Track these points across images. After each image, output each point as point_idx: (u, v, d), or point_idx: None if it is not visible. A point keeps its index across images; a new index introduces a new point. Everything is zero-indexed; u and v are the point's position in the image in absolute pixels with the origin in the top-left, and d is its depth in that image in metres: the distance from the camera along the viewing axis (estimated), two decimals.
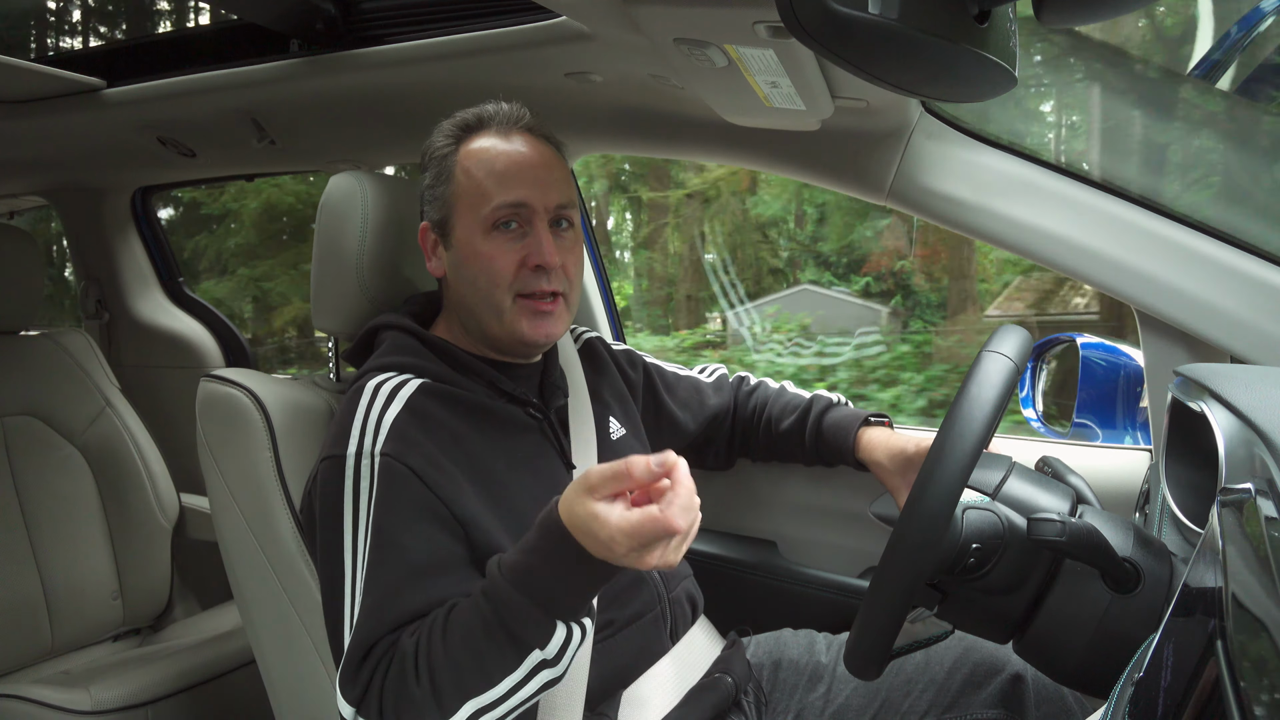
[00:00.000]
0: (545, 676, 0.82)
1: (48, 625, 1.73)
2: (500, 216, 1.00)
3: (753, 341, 3.24)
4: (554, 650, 0.80)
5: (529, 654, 0.80)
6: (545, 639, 0.80)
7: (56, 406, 1.84)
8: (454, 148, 1.05)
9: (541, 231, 1.02)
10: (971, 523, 0.77)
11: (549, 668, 0.81)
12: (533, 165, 1.03)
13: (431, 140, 1.07)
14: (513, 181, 1.01)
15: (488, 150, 1.03)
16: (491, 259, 1.00)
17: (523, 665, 0.80)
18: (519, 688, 0.81)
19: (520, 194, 1.01)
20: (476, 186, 1.01)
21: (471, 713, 0.80)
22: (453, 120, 1.07)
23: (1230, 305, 1.05)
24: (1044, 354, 1.49)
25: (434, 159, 1.06)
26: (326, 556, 0.90)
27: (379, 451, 0.90)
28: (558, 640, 0.80)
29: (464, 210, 1.02)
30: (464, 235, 1.02)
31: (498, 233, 1.01)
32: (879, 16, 0.52)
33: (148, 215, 2.33)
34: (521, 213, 1.01)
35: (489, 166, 1.02)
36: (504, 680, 0.80)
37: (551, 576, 0.79)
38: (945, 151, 1.21)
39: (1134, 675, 0.50)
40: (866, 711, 1.10)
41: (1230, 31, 1.45)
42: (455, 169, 1.04)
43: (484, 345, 1.07)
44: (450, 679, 0.79)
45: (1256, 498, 0.50)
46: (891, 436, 1.20)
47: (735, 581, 1.49)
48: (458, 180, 1.03)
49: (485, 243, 1.01)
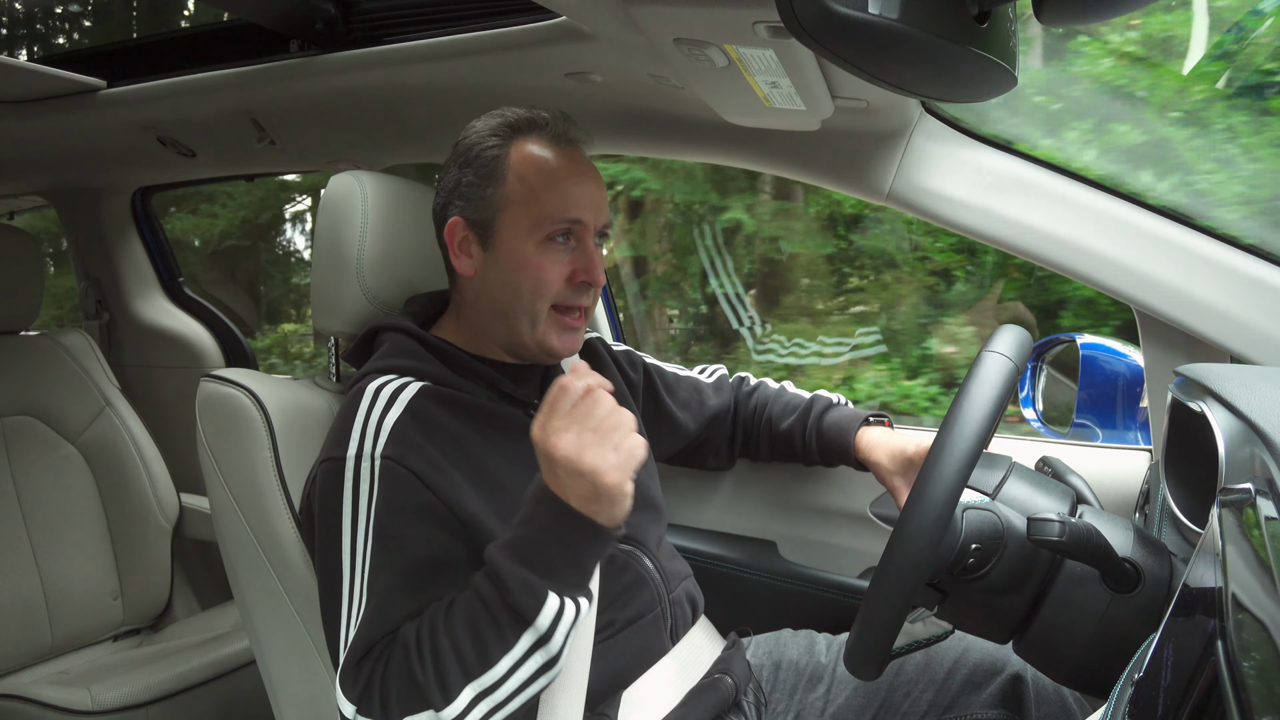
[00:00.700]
0: (540, 657, 0.81)
1: (48, 625, 1.73)
2: (559, 230, 1.01)
3: (752, 342, 3.24)
4: (546, 624, 0.80)
5: (524, 630, 0.80)
6: (537, 610, 0.80)
7: (56, 406, 1.84)
8: (504, 148, 1.03)
9: (591, 248, 1.03)
10: (971, 523, 0.77)
11: (543, 645, 0.81)
12: (592, 184, 1.04)
13: (475, 137, 1.04)
14: (574, 199, 1.01)
15: (547, 161, 1.02)
16: (542, 269, 1.01)
17: (518, 644, 0.80)
18: (516, 668, 0.81)
19: (579, 213, 1.01)
20: (534, 196, 1.00)
21: (473, 696, 0.80)
22: (500, 119, 1.04)
23: (1230, 305, 1.05)
24: (1044, 354, 1.49)
25: (479, 157, 1.03)
26: (325, 558, 0.91)
27: (379, 454, 0.90)
28: (550, 612, 0.80)
29: (517, 215, 1.01)
30: (512, 241, 1.01)
31: (551, 244, 1.01)
32: (879, 16, 0.53)
33: (148, 215, 2.33)
34: (575, 229, 1.02)
35: (550, 179, 1.01)
36: (502, 660, 0.80)
37: (542, 538, 0.81)
38: (945, 151, 1.21)
39: (1134, 675, 0.50)
40: (866, 712, 1.10)
41: (1230, 32, 1.45)
42: (507, 172, 1.02)
43: (497, 347, 1.07)
44: (452, 662, 0.80)
45: (1256, 498, 0.50)
46: (891, 436, 1.20)
47: (735, 582, 1.49)
48: (510, 184, 1.01)
49: (537, 253, 1.01)
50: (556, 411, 0.81)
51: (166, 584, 1.92)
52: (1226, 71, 1.47)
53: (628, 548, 1.08)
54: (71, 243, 2.33)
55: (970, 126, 1.22)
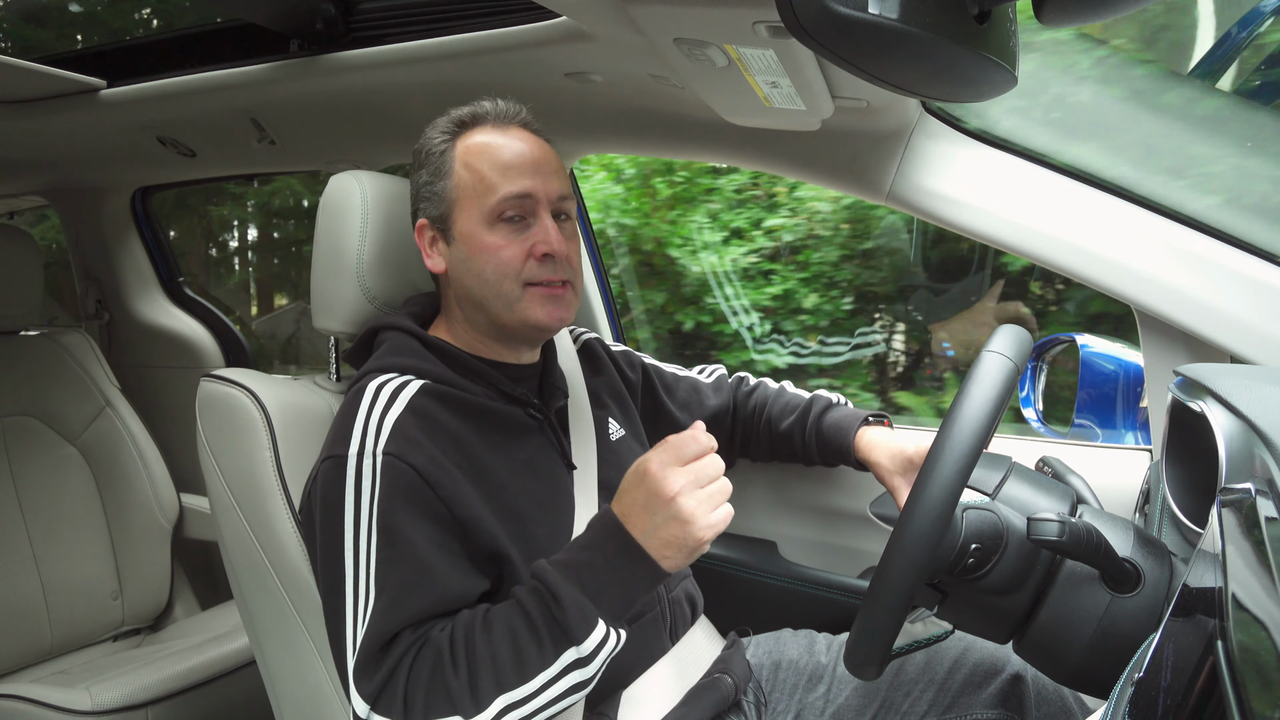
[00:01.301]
0: (576, 677, 0.83)
1: (47, 625, 1.73)
2: (506, 208, 1.01)
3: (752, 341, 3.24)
4: (590, 647, 0.82)
5: (566, 650, 0.81)
6: (586, 633, 0.81)
7: (56, 406, 1.84)
8: (450, 143, 1.05)
9: (546, 221, 1.03)
10: (971, 523, 0.77)
11: (580, 667, 0.82)
12: (534, 157, 1.03)
13: (426, 138, 1.07)
14: (516, 173, 1.02)
15: (488, 144, 1.03)
16: (498, 249, 1.01)
17: (558, 661, 0.82)
18: (549, 685, 0.82)
19: (524, 185, 1.01)
20: (479, 179, 1.02)
21: (502, 708, 0.81)
22: (447, 117, 1.07)
23: (1230, 305, 1.05)
24: (1044, 354, 1.49)
25: (430, 155, 1.06)
26: (327, 555, 0.90)
27: (381, 451, 0.90)
28: (596, 637, 0.82)
29: (466, 204, 1.02)
30: (467, 228, 1.02)
31: (503, 224, 1.01)
32: (879, 16, 0.53)
33: (148, 215, 2.33)
34: (526, 204, 1.02)
35: (491, 159, 1.02)
36: (538, 676, 0.81)
37: (603, 565, 0.83)
38: (945, 151, 1.21)
39: (1134, 675, 0.50)
40: (866, 711, 1.10)
41: (1230, 32, 1.45)
42: (454, 164, 1.04)
43: (490, 340, 1.07)
44: (488, 672, 0.81)
45: (1256, 498, 0.50)
46: (891, 437, 1.20)
47: (735, 581, 1.49)
48: (458, 175, 1.03)
49: (491, 235, 1.01)
50: (680, 456, 0.84)
51: (166, 584, 1.92)
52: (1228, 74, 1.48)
53: None
54: (71, 243, 2.33)
55: (970, 126, 1.22)
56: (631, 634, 1.04)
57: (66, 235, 2.34)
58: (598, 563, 0.84)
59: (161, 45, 1.56)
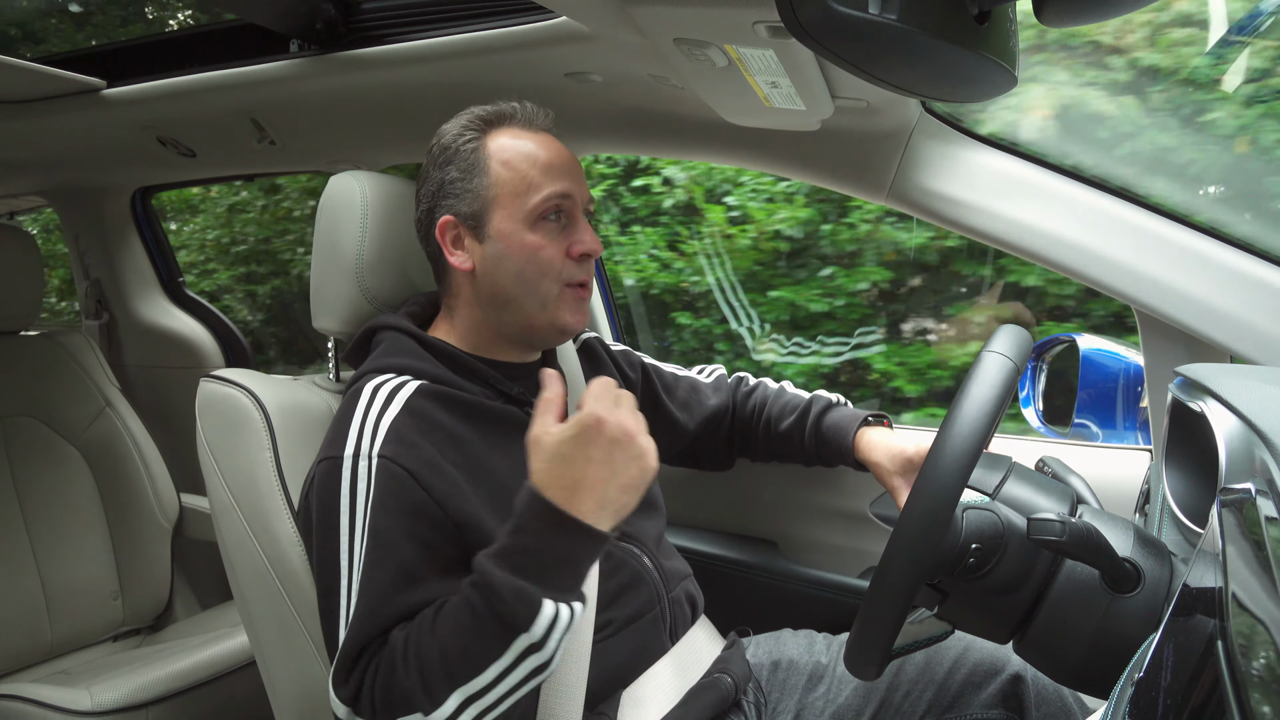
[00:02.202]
0: (533, 662, 0.80)
1: (47, 625, 1.73)
2: (549, 207, 1.02)
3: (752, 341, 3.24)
4: (540, 631, 0.79)
5: (515, 639, 0.79)
6: (531, 618, 0.78)
7: (56, 407, 1.84)
8: (480, 140, 1.04)
9: (583, 222, 1.05)
10: (971, 523, 0.77)
11: (536, 652, 0.80)
12: (571, 160, 1.06)
13: (450, 135, 1.05)
14: (558, 173, 1.03)
15: (525, 144, 1.04)
16: (540, 249, 1.02)
17: (509, 651, 0.79)
18: (506, 674, 0.80)
19: (566, 185, 1.03)
20: (520, 178, 1.02)
21: (460, 701, 0.79)
22: (470, 115, 1.06)
23: (1230, 305, 1.05)
24: (1044, 354, 1.49)
25: (458, 153, 1.04)
26: (323, 558, 0.91)
27: (376, 453, 0.90)
28: (544, 619, 0.79)
29: (505, 201, 1.02)
30: (506, 227, 1.02)
31: (543, 224, 1.03)
32: (879, 16, 0.53)
33: (148, 215, 2.33)
34: (565, 204, 1.03)
35: (531, 159, 1.03)
36: (490, 667, 0.79)
37: (535, 544, 0.80)
38: (945, 151, 1.21)
39: (1134, 675, 0.50)
40: (866, 711, 1.10)
41: (1230, 32, 1.45)
42: (489, 161, 1.03)
43: (501, 341, 1.07)
44: (438, 668, 0.79)
45: (1256, 498, 0.50)
46: (891, 437, 1.20)
47: (735, 581, 1.49)
48: (495, 172, 1.02)
49: (533, 234, 1.02)
50: (612, 397, 0.85)
51: (166, 584, 1.92)
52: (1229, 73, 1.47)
53: (627, 546, 1.08)
54: (71, 243, 2.33)
55: (970, 126, 1.22)
56: (631, 634, 1.04)
57: (66, 235, 2.34)
58: (530, 544, 0.80)
59: (161, 45, 1.56)
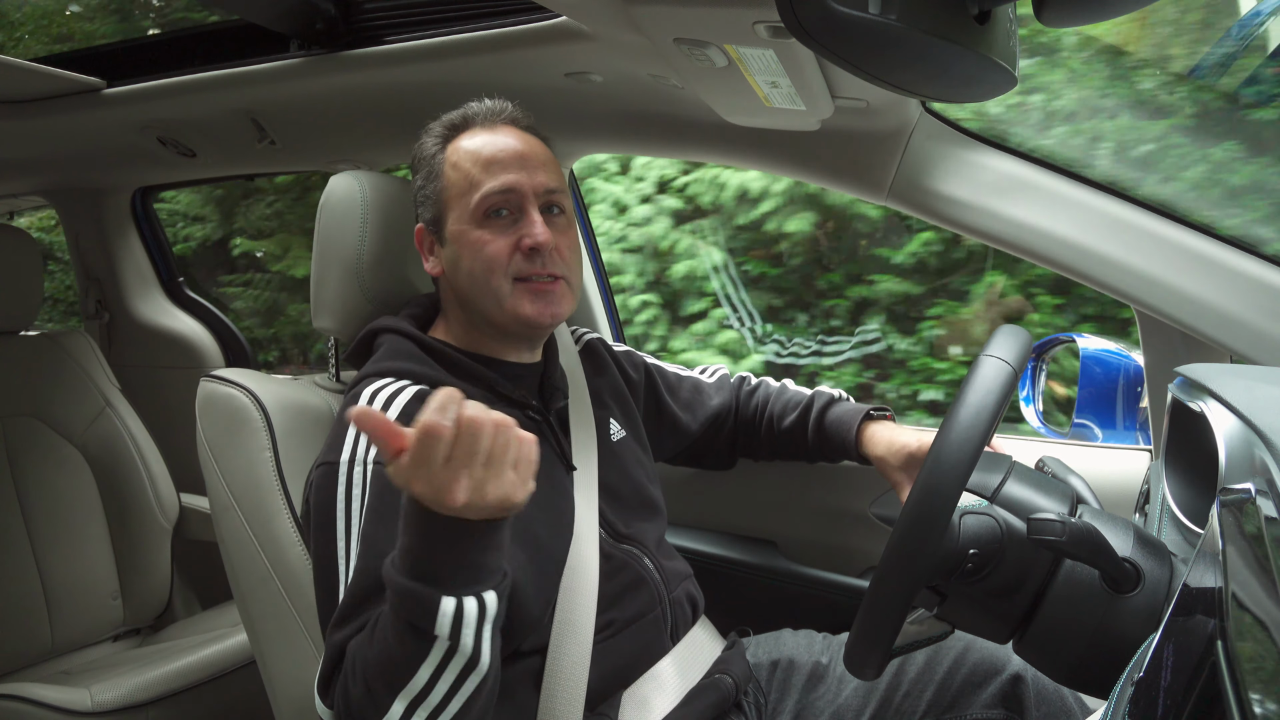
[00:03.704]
0: (458, 663, 0.77)
1: (48, 625, 1.73)
2: (491, 204, 1.02)
3: (753, 341, 3.24)
4: (446, 627, 0.75)
5: (427, 642, 0.76)
6: (430, 617, 0.75)
7: (56, 407, 1.84)
8: (441, 147, 1.07)
9: (532, 214, 1.03)
10: (969, 528, 0.77)
11: (455, 653, 0.76)
12: (519, 152, 1.05)
13: (420, 143, 1.09)
14: (499, 168, 1.02)
15: (474, 144, 1.05)
16: (485, 244, 1.01)
17: (430, 656, 0.76)
18: (437, 677, 0.77)
19: (508, 179, 1.02)
20: (464, 178, 1.03)
21: (405, 706, 0.77)
22: (440, 122, 1.09)
23: (1230, 305, 1.05)
24: (1044, 354, 1.49)
25: (423, 160, 1.08)
26: (320, 561, 0.91)
27: (372, 460, 0.90)
28: (446, 617, 0.75)
29: (454, 204, 1.04)
30: (456, 228, 1.04)
31: (490, 221, 1.02)
32: (879, 16, 0.53)
33: (148, 215, 2.33)
34: (511, 199, 1.02)
35: (474, 157, 1.04)
36: (420, 669, 0.76)
37: (421, 545, 0.75)
38: (945, 151, 1.21)
39: (1134, 675, 0.50)
40: (866, 711, 1.10)
41: (1229, 32, 1.45)
42: (444, 166, 1.06)
43: (489, 339, 1.07)
44: (376, 675, 0.78)
45: (1256, 498, 0.50)
46: (895, 432, 1.20)
47: (735, 581, 1.49)
48: (446, 176, 1.05)
49: (477, 231, 1.02)
50: (432, 463, 0.70)
51: (166, 584, 1.91)
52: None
53: (627, 547, 1.08)
54: (71, 243, 2.33)
55: (970, 126, 1.22)
56: (632, 634, 1.04)
57: (66, 235, 2.34)
58: (416, 544, 0.75)
59: (161, 45, 1.56)
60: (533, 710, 0.94)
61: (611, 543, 1.06)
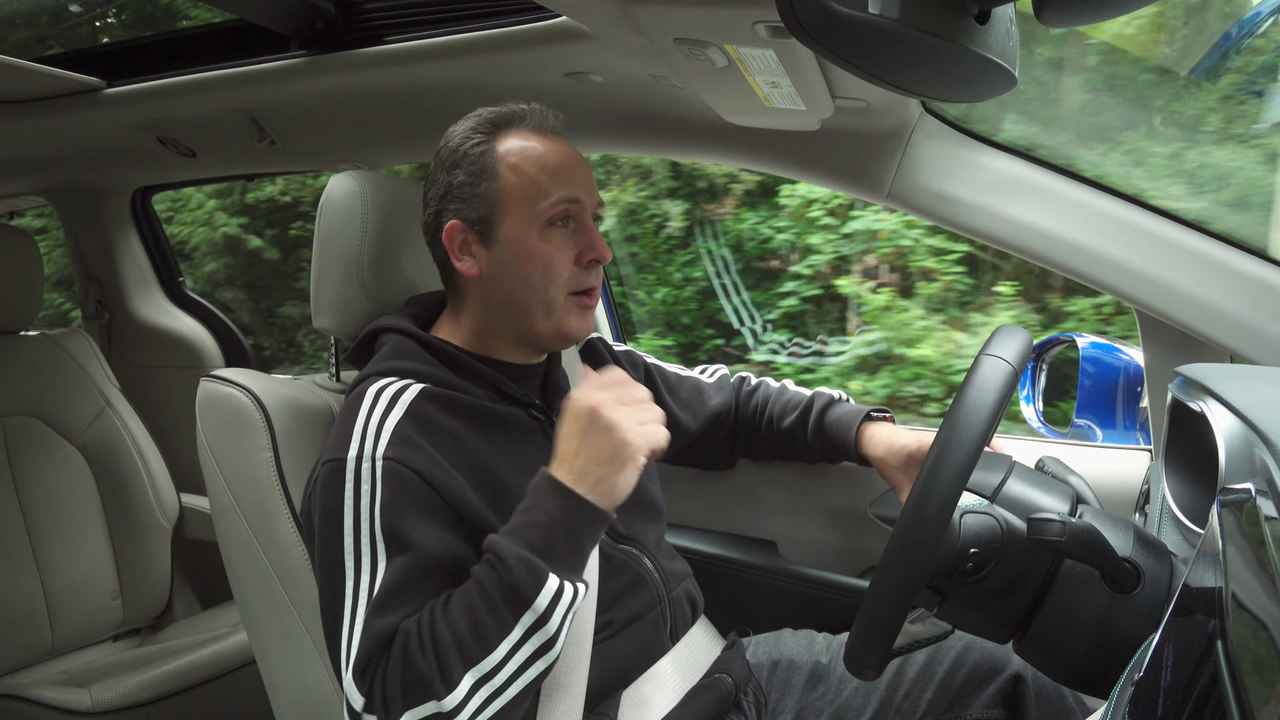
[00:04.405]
0: (538, 639, 0.82)
1: (48, 625, 1.73)
2: (558, 213, 1.01)
3: (753, 341, 3.24)
4: (544, 603, 0.81)
5: (522, 613, 0.81)
6: (537, 589, 0.81)
7: (56, 406, 1.84)
8: (488, 144, 1.03)
9: (592, 228, 1.04)
10: (969, 527, 0.77)
11: (540, 628, 0.82)
12: (581, 164, 1.04)
13: (458, 138, 1.04)
14: (566, 179, 1.02)
15: (534, 148, 1.02)
16: (549, 255, 1.01)
17: (517, 626, 0.81)
18: (514, 652, 0.81)
19: (576, 190, 1.02)
20: (529, 183, 1.01)
21: (472, 683, 0.80)
22: (478, 118, 1.05)
23: (1230, 305, 1.05)
24: (1044, 354, 1.49)
25: (465, 156, 1.03)
26: (326, 559, 0.90)
27: (381, 455, 0.90)
28: (549, 592, 0.81)
29: (515, 207, 1.01)
30: (515, 232, 1.01)
31: (552, 229, 1.01)
32: (879, 16, 0.53)
33: (148, 215, 2.33)
34: (574, 210, 1.02)
35: (540, 163, 1.01)
36: (500, 645, 0.81)
37: (543, 520, 0.84)
38: (945, 151, 1.21)
39: (1134, 675, 0.50)
40: (866, 711, 1.10)
41: (1229, 33, 1.45)
42: (498, 165, 1.01)
43: (506, 344, 1.07)
44: (450, 648, 0.80)
45: (1256, 498, 0.50)
46: (895, 432, 1.20)
47: (735, 581, 1.49)
48: (503, 176, 1.01)
49: (541, 240, 1.01)
50: (601, 383, 0.89)
51: (166, 584, 1.91)
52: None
53: (627, 548, 1.08)
54: (71, 243, 2.33)
55: (970, 126, 1.22)
56: (631, 634, 1.04)
57: (67, 235, 2.34)
58: (539, 519, 0.84)
59: (161, 45, 1.56)
60: (532, 710, 0.94)
61: (611, 543, 1.06)
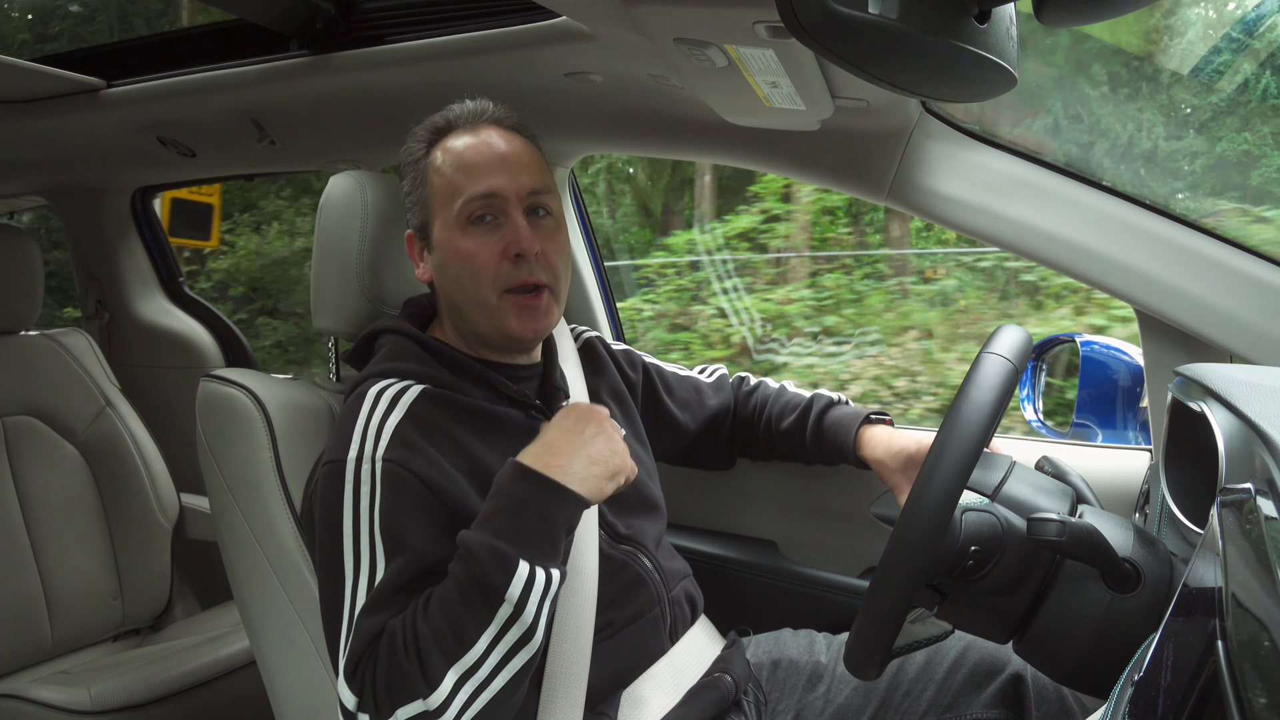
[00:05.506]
0: (516, 631, 0.81)
1: (48, 625, 1.73)
2: (473, 210, 1.00)
3: (753, 341, 3.24)
4: (516, 593, 0.80)
5: (498, 606, 0.81)
6: (507, 578, 0.80)
7: (56, 406, 1.84)
8: (426, 151, 1.05)
9: (516, 219, 1.00)
10: (970, 525, 0.77)
11: (517, 620, 0.81)
12: (499, 154, 1.02)
13: (406, 148, 1.07)
14: (480, 172, 1.00)
15: (456, 147, 1.04)
16: (471, 255, 1.00)
17: (494, 620, 0.81)
18: (494, 645, 0.81)
19: (489, 184, 1.00)
20: (447, 183, 1.02)
21: (456, 679, 0.80)
22: (423, 125, 1.07)
23: (1230, 305, 1.05)
24: (1044, 353, 1.49)
25: (409, 165, 1.06)
26: (326, 559, 0.91)
27: (381, 457, 0.90)
28: (520, 579, 0.81)
29: (439, 210, 1.03)
30: (442, 235, 1.02)
31: (474, 227, 1.00)
32: (879, 16, 0.53)
33: (148, 215, 2.33)
34: (494, 203, 1.00)
35: (456, 161, 1.02)
36: (479, 639, 0.81)
37: (509, 505, 0.84)
38: (945, 151, 1.21)
39: (1134, 675, 0.50)
40: (866, 711, 1.10)
41: (1229, 34, 1.45)
42: (428, 171, 1.04)
43: (479, 345, 1.07)
44: (432, 646, 0.80)
45: (1256, 498, 0.50)
46: (893, 435, 1.20)
47: (735, 581, 1.49)
48: (431, 181, 1.04)
49: (463, 239, 1.00)
50: None
51: (166, 584, 1.91)
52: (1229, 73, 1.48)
53: (626, 548, 1.08)
54: (71, 243, 2.33)
55: (970, 126, 1.22)
56: (631, 634, 1.04)
57: (67, 235, 2.34)
58: (504, 504, 0.85)
59: (161, 45, 1.56)
60: (532, 710, 0.94)
61: (611, 543, 1.06)
